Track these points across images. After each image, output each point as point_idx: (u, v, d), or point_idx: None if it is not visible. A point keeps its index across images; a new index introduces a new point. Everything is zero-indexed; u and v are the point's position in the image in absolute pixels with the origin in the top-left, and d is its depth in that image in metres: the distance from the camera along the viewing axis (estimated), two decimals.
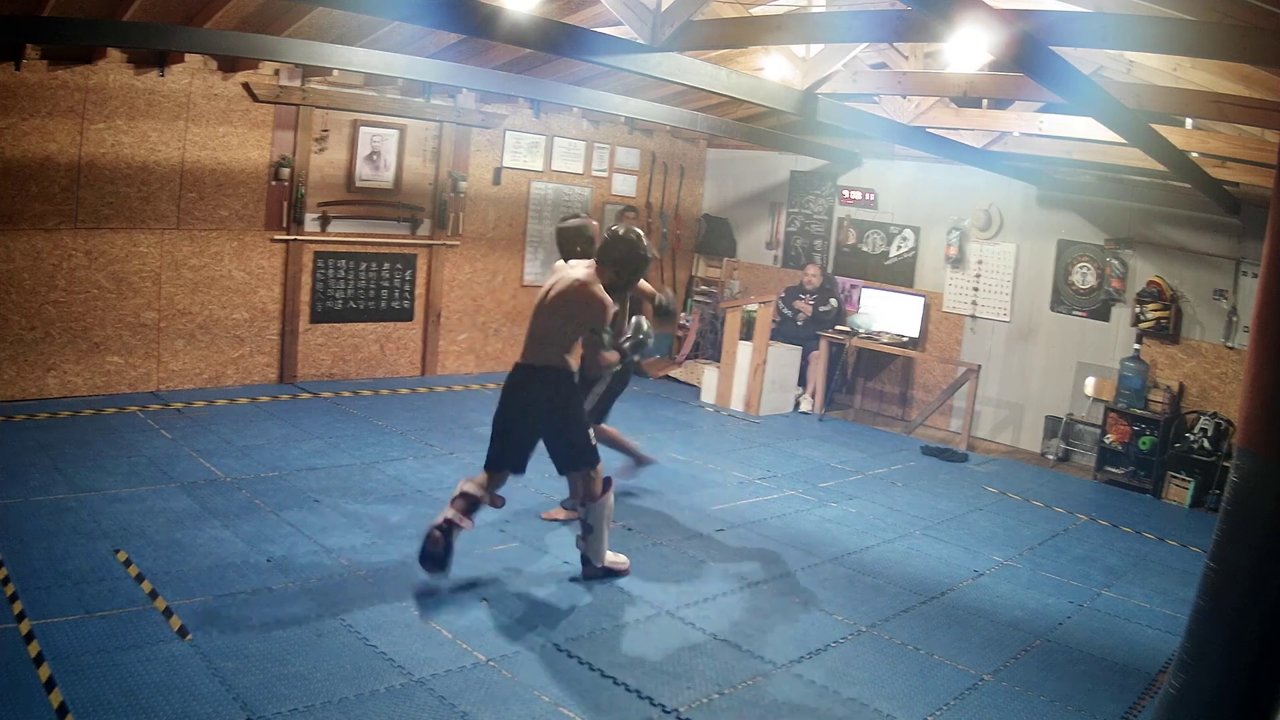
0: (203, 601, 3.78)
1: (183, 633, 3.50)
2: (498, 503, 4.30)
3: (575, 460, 4.23)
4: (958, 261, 8.51)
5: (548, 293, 4.29)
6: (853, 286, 9.19)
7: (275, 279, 7.39)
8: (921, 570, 5.02)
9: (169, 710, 2.98)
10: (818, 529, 5.50)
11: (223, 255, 7.09)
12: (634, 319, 4.60)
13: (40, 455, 5.28)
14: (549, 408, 4.17)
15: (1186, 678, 2.56)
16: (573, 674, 3.52)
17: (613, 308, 4.21)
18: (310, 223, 7.51)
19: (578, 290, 4.16)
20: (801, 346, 8.80)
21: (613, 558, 4.46)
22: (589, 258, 4.45)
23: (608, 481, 4.32)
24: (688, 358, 9.99)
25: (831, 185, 9.47)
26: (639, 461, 5.64)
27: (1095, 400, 7.55)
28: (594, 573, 4.39)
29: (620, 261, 4.22)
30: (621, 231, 4.29)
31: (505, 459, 4.23)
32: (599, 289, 4.14)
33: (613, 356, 4.31)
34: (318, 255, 7.61)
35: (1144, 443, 7.09)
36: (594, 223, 5.02)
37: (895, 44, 5.84)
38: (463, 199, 8.43)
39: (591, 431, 4.31)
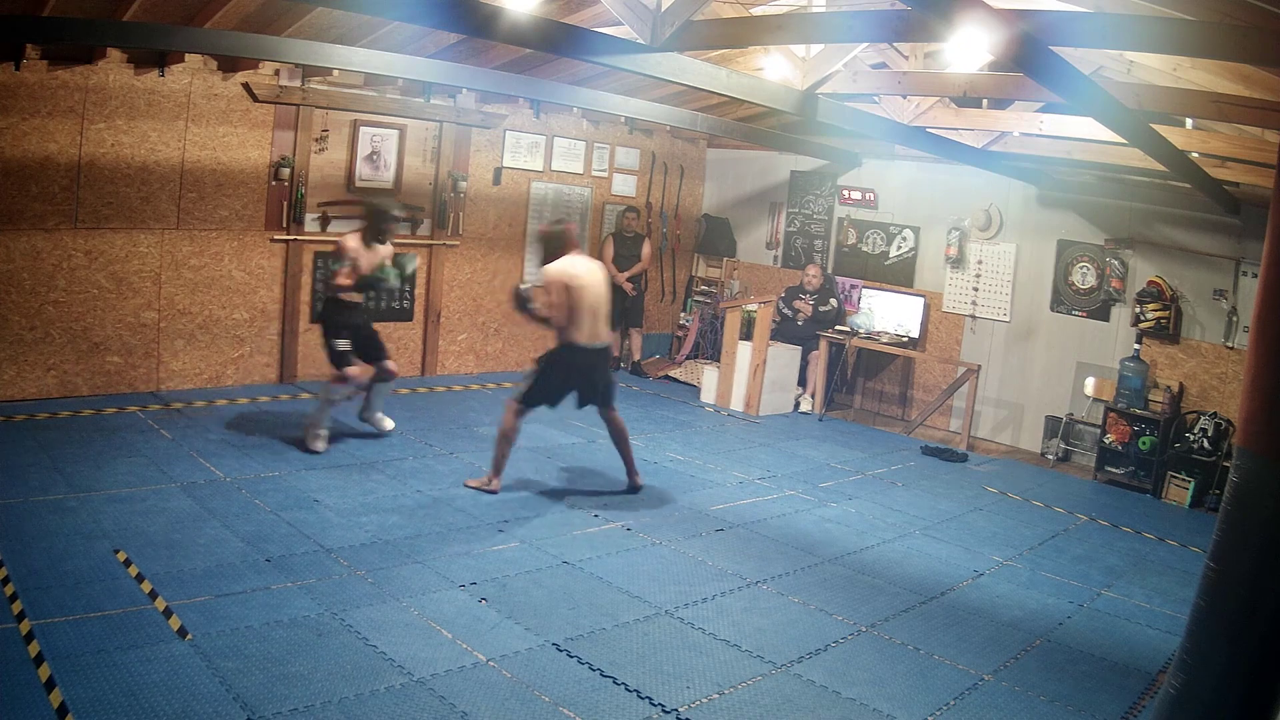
0: (203, 601, 3.78)
1: (183, 633, 3.50)
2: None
3: (331, 361, 6.01)
4: (958, 261, 8.51)
5: None
6: (853, 286, 9.19)
7: (275, 279, 7.40)
8: (921, 570, 5.02)
9: (169, 710, 2.98)
10: (818, 529, 5.50)
11: (223, 255, 7.09)
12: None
13: (40, 455, 5.28)
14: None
15: (1186, 678, 2.56)
16: (573, 674, 3.53)
17: (352, 253, 5.88)
18: (310, 223, 7.51)
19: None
20: (801, 346, 8.80)
21: (313, 437, 5.91)
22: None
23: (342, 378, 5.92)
24: (688, 357, 9.99)
25: (831, 185, 9.47)
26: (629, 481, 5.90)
27: (1095, 400, 7.55)
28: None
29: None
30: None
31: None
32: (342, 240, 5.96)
33: (341, 280, 5.89)
34: (318, 255, 7.61)
35: (1144, 443, 7.09)
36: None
37: (895, 44, 5.84)
38: (463, 199, 8.43)
39: (338, 343, 5.93)
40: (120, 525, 4.46)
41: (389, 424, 6.44)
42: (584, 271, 5.49)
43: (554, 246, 5.57)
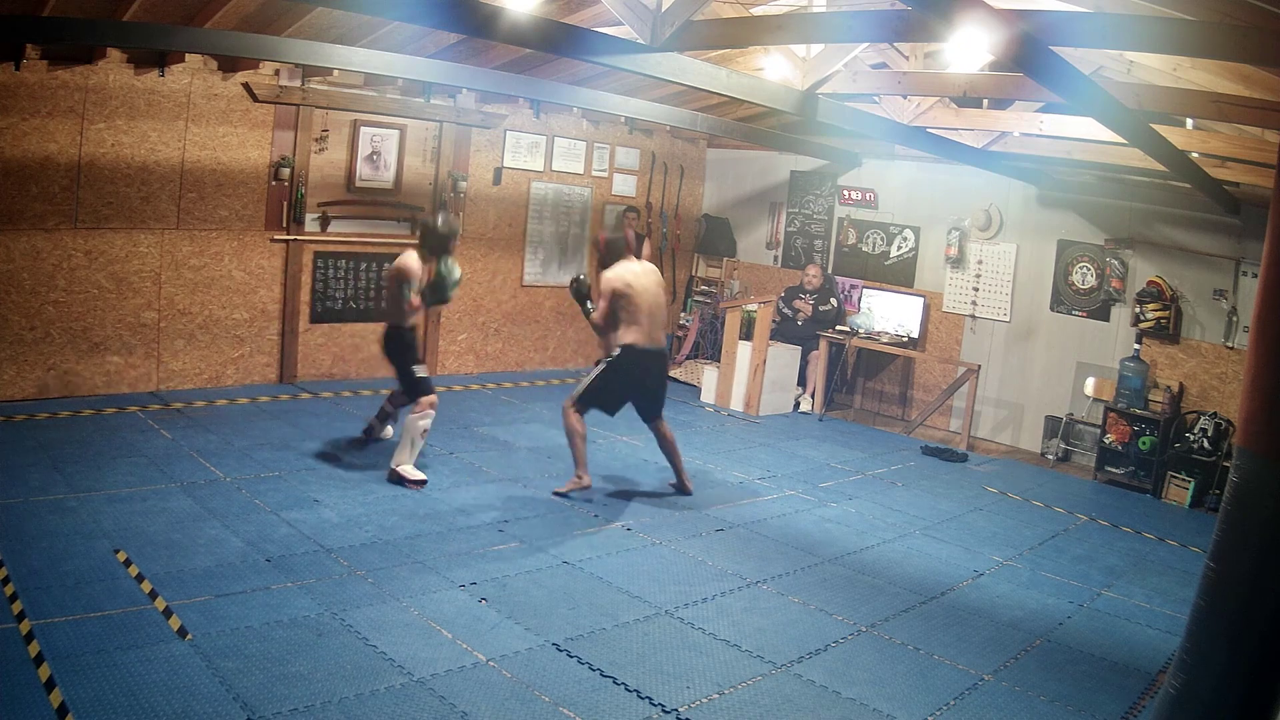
0: (203, 601, 3.78)
1: (183, 633, 3.50)
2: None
3: (407, 391, 5.73)
4: (958, 261, 8.51)
5: None
6: (853, 286, 9.19)
7: (275, 279, 7.40)
8: (921, 570, 5.02)
9: (169, 710, 2.98)
10: (818, 529, 5.50)
11: (223, 255, 7.09)
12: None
13: (40, 455, 5.28)
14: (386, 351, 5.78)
15: (1186, 678, 2.56)
16: (573, 674, 3.52)
17: (416, 273, 5.53)
18: (310, 223, 7.51)
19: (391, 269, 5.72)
20: (801, 346, 8.80)
21: (412, 471, 5.50)
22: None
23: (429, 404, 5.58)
24: (688, 357, 9.99)
25: (831, 185, 9.47)
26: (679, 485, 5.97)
27: (1095, 400, 7.55)
28: (393, 475, 5.51)
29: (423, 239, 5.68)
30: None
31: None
32: (402, 262, 5.59)
33: (414, 301, 5.58)
34: (318, 255, 7.61)
35: (1144, 443, 7.09)
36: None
37: (895, 44, 5.84)
38: (463, 199, 8.43)
39: (416, 369, 5.65)
40: (120, 525, 4.45)
41: (390, 433, 6.29)
42: (640, 275, 5.59)
43: (615, 253, 5.64)
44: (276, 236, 7.33)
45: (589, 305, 5.67)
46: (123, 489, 4.93)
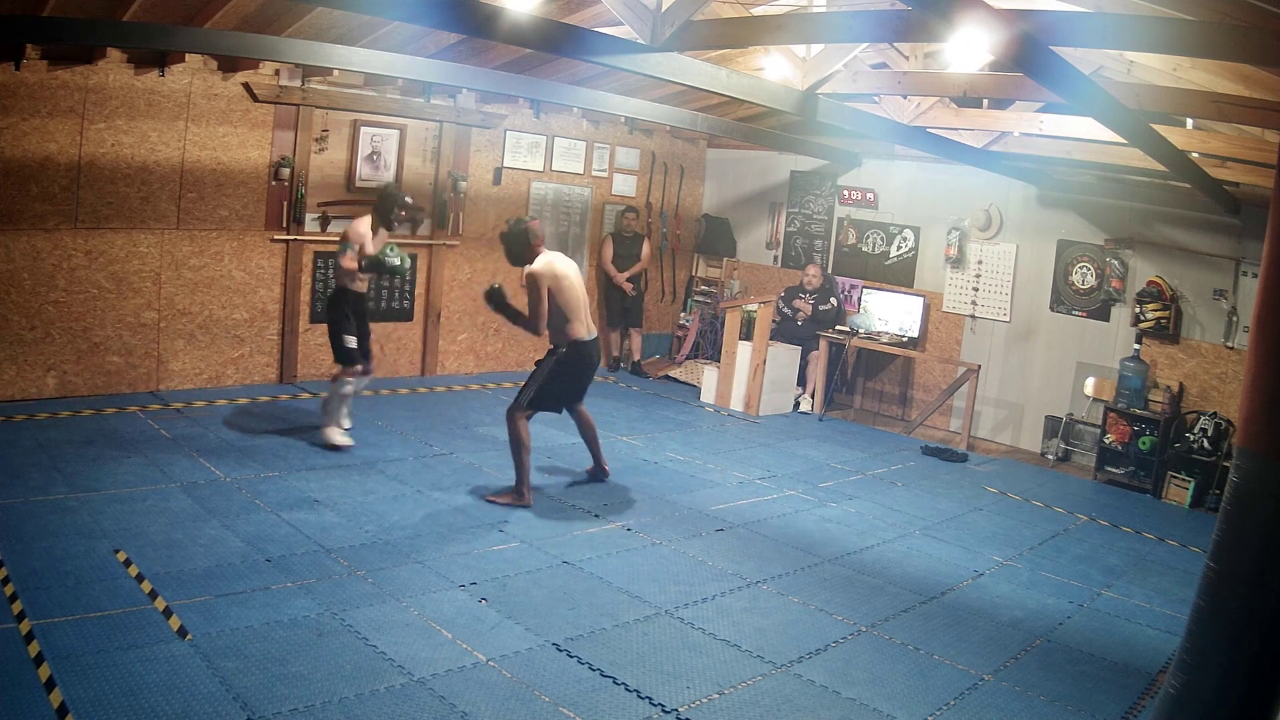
0: (203, 601, 3.78)
1: (183, 633, 3.50)
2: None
3: (335, 355, 6.06)
4: (958, 261, 8.51)
5: None
6: (852, 286, 9.19)
7: (275, 279, 7.40)
8: (921, 570, 5.02)
9: (169, 710, 2.98)
10: (818, 529, 5.50)
11: (223, 255, 7.09)
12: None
13: (40, 455, 5.28)
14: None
15: (1186, 678, 2.56)
16: (573, 674, 3.53)
17: (359, 237, 5.92)
18: (310, 223, 7.51)
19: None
20: (801, 346, 8.80)
21: (338, 435, 6.00)
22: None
23: (350, 373, 5.99)
24: (688, 357, 9.99)
25: (831, 185, 9.47)
26: (597, 470, 6.01)
27: (1095, 400, 7.55)
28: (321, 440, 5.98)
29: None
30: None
31: None
32: (350, 224, 6.09)
33: (348, 263, 5.87)
34: (318, 255, 7.61)
35: (1144, 443, 7.09)
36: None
37: (895, 44, 5.84)
38: (463, 199, 8.43)
39: (347, 339, 5.94)
40: (120, 525, 4.46)
41: (346, 422, 6.27)
42: (564, 266, 5.48)
43: (519, 245, 5.48)
44: (276, 236, 7.33)
45: (513, 310, 5.45)
46: (123, 489, 4.93)
